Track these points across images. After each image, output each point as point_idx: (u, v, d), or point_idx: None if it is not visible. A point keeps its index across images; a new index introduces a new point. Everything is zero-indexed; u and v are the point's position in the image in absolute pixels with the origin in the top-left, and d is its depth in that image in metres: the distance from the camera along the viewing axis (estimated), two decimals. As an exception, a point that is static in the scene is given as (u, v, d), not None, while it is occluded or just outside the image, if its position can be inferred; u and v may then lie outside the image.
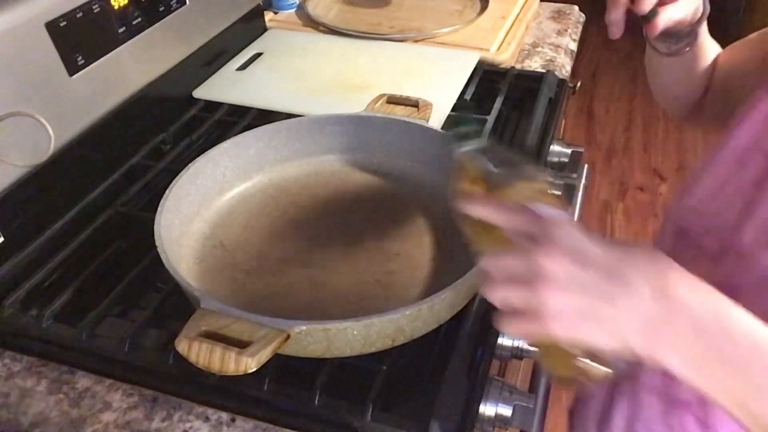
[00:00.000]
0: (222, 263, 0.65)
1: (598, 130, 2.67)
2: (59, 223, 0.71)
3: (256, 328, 0.47)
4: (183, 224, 0.66)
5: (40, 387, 0.58)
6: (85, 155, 0.74)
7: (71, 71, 0.70)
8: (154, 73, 0.85)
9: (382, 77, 0.97)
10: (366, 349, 0.53)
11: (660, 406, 0.59)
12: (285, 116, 0.80)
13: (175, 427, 0.54)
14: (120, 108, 0.79)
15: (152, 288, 0.67)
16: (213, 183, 0.71)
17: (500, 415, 0.56)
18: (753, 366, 0.36)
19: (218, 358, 0.45)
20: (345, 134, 0.77)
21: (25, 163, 0.65)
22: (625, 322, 0.37)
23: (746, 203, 0.54)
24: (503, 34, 1.08)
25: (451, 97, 0.90)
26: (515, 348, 0.62)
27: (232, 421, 0.55)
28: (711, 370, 0.37)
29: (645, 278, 0.37)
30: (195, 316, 0.48)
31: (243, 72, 0.99)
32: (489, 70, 1.00)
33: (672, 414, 0.58)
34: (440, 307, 0.54)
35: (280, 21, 1.17)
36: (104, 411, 0.56)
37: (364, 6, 1.20)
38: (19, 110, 0.63)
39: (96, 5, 0.72)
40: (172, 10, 0.84)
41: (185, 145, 0.86)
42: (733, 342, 0.37)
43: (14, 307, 0.62)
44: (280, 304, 0.60)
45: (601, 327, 0.37)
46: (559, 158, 0.90)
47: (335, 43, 1.08)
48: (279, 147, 0.76)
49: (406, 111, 0.76)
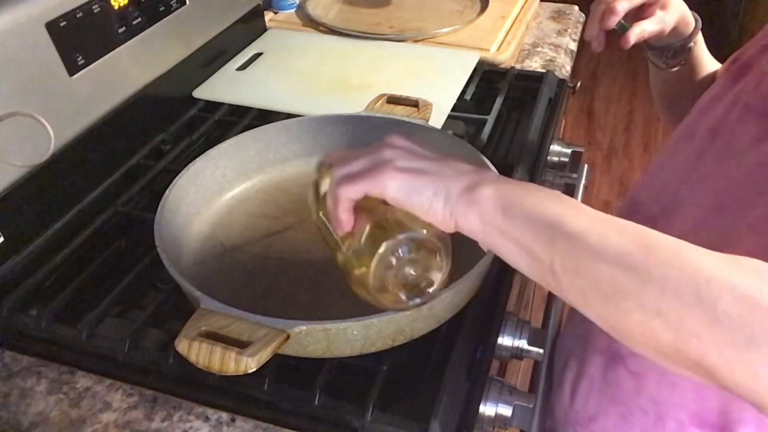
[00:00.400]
0: (222, 263, 0.65)
1: (598, 130, 2.67)
2: (59, 223, 0.71)
3: (256, 328, 0.47)
4: (183, 224, 0.66)
5: (40, 387, 0.58)
6: (85, 155, 0.74)
7: (71, 71, 0.70)
8: (154, 73, 0.85)
9: (382, 77, 0.97)
10: (366, 349, 0.53)
11: (602, 363, 0.62)
12: (285, 116, 0.80)
13: (175, 427, 0.54)
14: (120, 108, 0.79)
15: (152, 288, 0.66)
16: (213, 183, 0.71)
17: (500, 415, 0.56)
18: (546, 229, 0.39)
19: (218, 358, 0.45)
20: (345, 134, 0.77)
21: (25, 163, 0.65)
22: (449, 180, 0.42)
23: (689, 173, 0.59)
24: (503, 34, 1.08)
25: (451, 97, 0.90)
26: (515, 348, 0.62)
27: (232, 421, 0.55)
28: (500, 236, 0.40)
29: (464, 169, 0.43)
30: (195, 316, 0.48)
31: (243, 72, 0.99)
32: (489, 70, 1.00)
33: (610, 368, 0.61)
34: (440, 307, 0.54)
35: (280, 21, 1.17)
36: (104, 411, 0.56)
37: (364, 6, 1.20)
38: (19, 110, 0.63)
39: (96, 5, 0.72)
40: (172, 10, 0.84)
41: (185, 145, 0.86)
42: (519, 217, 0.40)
43: (14, 307, 0.62)
44: (280, 304, 0.60)
45: (430, 183, 0.42)
46: (559, 158, 0.90)
47: (335, 43, 1.08)
48: (279, 147, 0.76)
49: (406, 111, 0.76)
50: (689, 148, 0.61)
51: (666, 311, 0.33)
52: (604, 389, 0.62)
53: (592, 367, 0.63)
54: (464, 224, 0.41)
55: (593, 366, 0.63)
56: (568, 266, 0.37)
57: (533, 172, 0.79)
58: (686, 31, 0.70)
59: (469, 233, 0.42)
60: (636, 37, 0.66)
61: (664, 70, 0.75)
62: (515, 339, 0.62)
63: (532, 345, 0.62)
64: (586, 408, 0.63)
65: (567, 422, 0.66)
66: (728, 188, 0.53)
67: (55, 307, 0.62)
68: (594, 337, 0.64)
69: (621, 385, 0.60)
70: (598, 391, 0.62)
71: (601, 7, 0.67)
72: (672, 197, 0.60)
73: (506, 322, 0.62)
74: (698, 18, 0.70)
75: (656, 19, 0.67)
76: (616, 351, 0.60)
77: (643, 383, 0.58)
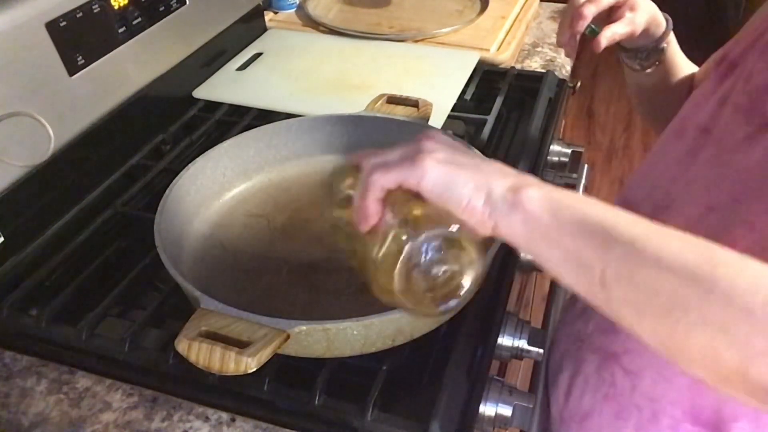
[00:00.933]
0: (222, 263, 0.65)
1: (598, 130, 2.67)
2: (59, 223, 0.71)
3: (256, 328, 0.47)
4: (183, 224, 0.66)
5: (40, 387, 0.58)
6: (85, 155, 0.74)
7: (71, 71, 0.70)
8: (154, 73, 0.85)
9: (382, 77, 0.97)
10: (366, 349, 0.53)
11: (597, 362, 0.62)
12: (285, 116, 0.80)
13: (175, 427, 0.54)
14: (120, 108, 0.79)
15: (152, 288, 0.67)
16: (213, 183, 0.71)
17: (500, 415, 0.56)
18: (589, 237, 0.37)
19: (218, 358, 0.45)
20: (345, 134, 0.77)
21: (25, 163, 0.65)
22: (492, 178, 0.40)
23: (682, 171, 0.58)
24: (503, 34, 1.08)
25: (451, 97, 0.90)
26: (515, 348, 0.62)
27: (232, 421, 0.55)
28: (542, 242, 0.38)
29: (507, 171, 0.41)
30: (195, 316, 0.48)
31: (243, 72, 0.99)
32: (489, 70, 1.00)
33: (605, 367, 0.61)
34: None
35: (280, 21, 1.17)
36: (104, 411, 0.56)
37: (364, 6, 1.20)
38: (19, 110, 0.63)
39: (96, 5, 0.72)
40: (172, 10, 0.84)
41: (185, 145, 0.86)
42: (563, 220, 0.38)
43: (14, 307, 0.62)
44: (280, 304, 0.60)
45: (471, 177, 0.40)
46: (559, 158, 0.90)
47: (335, 43, 1.08)
48: (279, 147, 0.76)
49: (406, 111, 0.76)
50: (680, 147, 0.61)
51: (732, 328, 0.31)
52: (599, 387, 0.62)
53: (586, 366, 0.63)
54: (505, 227, 0.39)
55: (587, 365, 0.63)
56: (622, 275, 0.34)
57: (533, 172, 0.79)
58: (657, 32, 0.70)
59: (509, 237, 0.39)
60: (607, 40, 0.66)
61: (639, 72, 0.75)
62: (515, 339, 0.62)
63: (532, 345, 0.62)
64: (580, 406, 0.64)
65: (562, 421, 0.66)
66: (722, 186, 0.53)
67: (55, 307, 0.62)
68: (588, 337, 0.64)
69: (616, 383, 0.60)
70: (592, 389, 0.63)
71: (569, 13, 0.67)
72: (664, 196, 0.60)
73: (506, 322, 0.62)
74: (669, 18, 0.71)
75: (626, 21, 0.67)
76: (611, 350, 0.61)
77: (638, 381, 0.58)
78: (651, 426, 0.58)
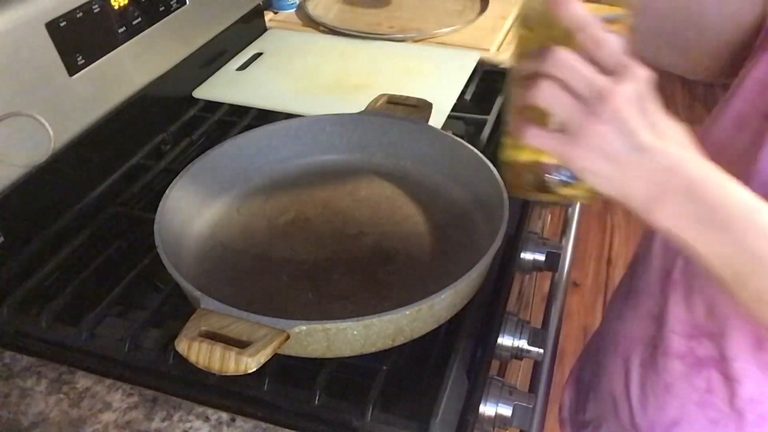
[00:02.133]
0: (222, 263, 0.65)
1: (598, 130, 2.66)
2: (59, 223, 0.71)
3: (256, 328, 0.47)
4: (183, 224, 0.66)
5: (40, 387, 0.58)
6: (85, 155, 0.74)
7: (71, 71, 0.70)
8: (154, 73, 0.85)
9: (382, 77, 0.97)
10: (366, 349, 0.53)
11: (682, 368, 0.59)
12: (285, 116, 0.80)
13: (175, 427, 0.54)
14: (120, 108, 0.79)
15: (152, 288, 0.67)
16: (213, 183, 0.71)
17: (500, 415, 0.56)
18: (747, 232, 0.37)
19: (218, 358, 0.45)
20: (345, 134, 0.77)
21: (25, 163, 0.65)
22: (640, 172, 0.38)
23: (746, 165, 0.55)
24: (503, 34, 1.09)
25: (451, 97, 0.90)
26: (515, 348, 0.62)
27: (232, 421, 0.55)
28: (704, 233, 0.38)
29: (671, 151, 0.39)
30: (195, 316, 0.48)
31: (243, 72, 0.99)
32: (489, 70, 1.00)
33: (697, 374, 0.58)
34: (440, 307, 0.54)
35: (280, 21, 1.17)
36: (104, 411, 0.56)
37: (364, 6, 1.20)
38: (19, 110, 0.63)
39: (96, 5, 0.72)
40: (172, 10, 0.85)
41: (185, 145, 0.86)
42: (726, 207, 0.38)
43: (14, 307, 0.62)
44: (280, 304, 0.60)
45: (617, 172, 0.38)
46: (559, 158, 0.90)
47: (335, 43, 1.08)
48: (279, 147, 0.76)
49: (406, 111, 0.76)
50: (744, 138, 0.56)
51: None
52: (689, 395, 0.59)
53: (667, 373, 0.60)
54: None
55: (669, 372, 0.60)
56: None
57: (533, 172, 0.79)
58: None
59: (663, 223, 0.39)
60: None
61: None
62: (515, 339, 0.62)
63: (532, 345, 0.62)
64: (663, 414, 0.61)
65: (635, 428, 0.64)
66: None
67: (55, 307, 0.62)
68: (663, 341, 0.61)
69: (713, 389, 0.57)
70: (680, 396, 0.60)
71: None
72: None
73: (506, 322, 0.62)
74: None
75: None
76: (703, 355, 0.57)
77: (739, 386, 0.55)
78: (755, 429, 0.56)
